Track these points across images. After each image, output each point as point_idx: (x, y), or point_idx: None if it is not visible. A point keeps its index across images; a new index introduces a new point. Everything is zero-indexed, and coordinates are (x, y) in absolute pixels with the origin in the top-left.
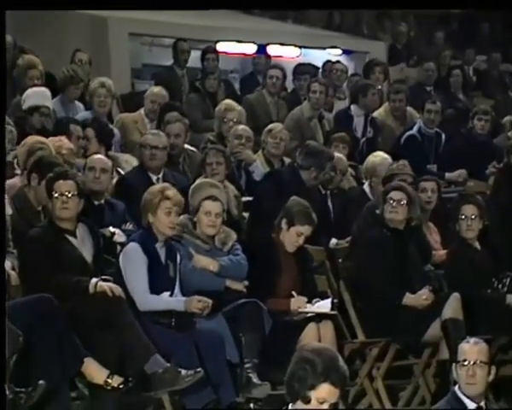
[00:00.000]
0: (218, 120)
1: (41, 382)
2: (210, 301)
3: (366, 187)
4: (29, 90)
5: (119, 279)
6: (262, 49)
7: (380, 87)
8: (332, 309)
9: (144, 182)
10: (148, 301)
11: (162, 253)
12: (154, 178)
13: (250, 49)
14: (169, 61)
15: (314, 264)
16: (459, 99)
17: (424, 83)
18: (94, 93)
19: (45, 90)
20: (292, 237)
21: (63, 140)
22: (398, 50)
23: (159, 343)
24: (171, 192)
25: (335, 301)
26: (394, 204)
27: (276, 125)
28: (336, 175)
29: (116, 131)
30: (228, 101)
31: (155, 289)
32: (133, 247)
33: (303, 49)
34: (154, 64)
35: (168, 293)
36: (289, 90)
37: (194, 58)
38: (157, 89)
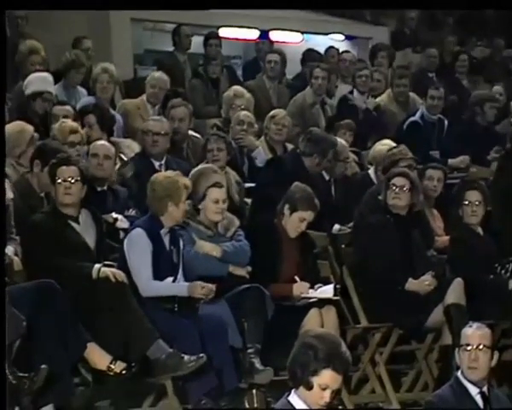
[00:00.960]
0: (226, 106)
1: (43, 366)
2: (213, 287)
3: (371, 173)
4: (31, 76)
5: (122, 265)
6: (265, 34)
7: (365, 71)
8: (335, 295)
9: (147, 168)
10: (151, 286)
11: (166, 239)
12: (156, 164)
13: (253, 34)
14: (172, 47)
15: (317, 249)
16: (462, 85)
17: (427, 69)
18: (96, 79)
19: (47, 76)
20: (294, 222)
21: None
22: (402, 36)
23: (161, 329)
24: (188, 181)
25: (338, 286)
26: (397, 190)
27: (279, 111)
28: (340, 163)
29: (118, 116)
30: (237, 87)
31: (159, 275)
32: (138, 232)
33: (305, 35)
34: (156, 50)
35: (171, 279)
36: (291, 77)
37: (197, 44)
38: (158, 73)
